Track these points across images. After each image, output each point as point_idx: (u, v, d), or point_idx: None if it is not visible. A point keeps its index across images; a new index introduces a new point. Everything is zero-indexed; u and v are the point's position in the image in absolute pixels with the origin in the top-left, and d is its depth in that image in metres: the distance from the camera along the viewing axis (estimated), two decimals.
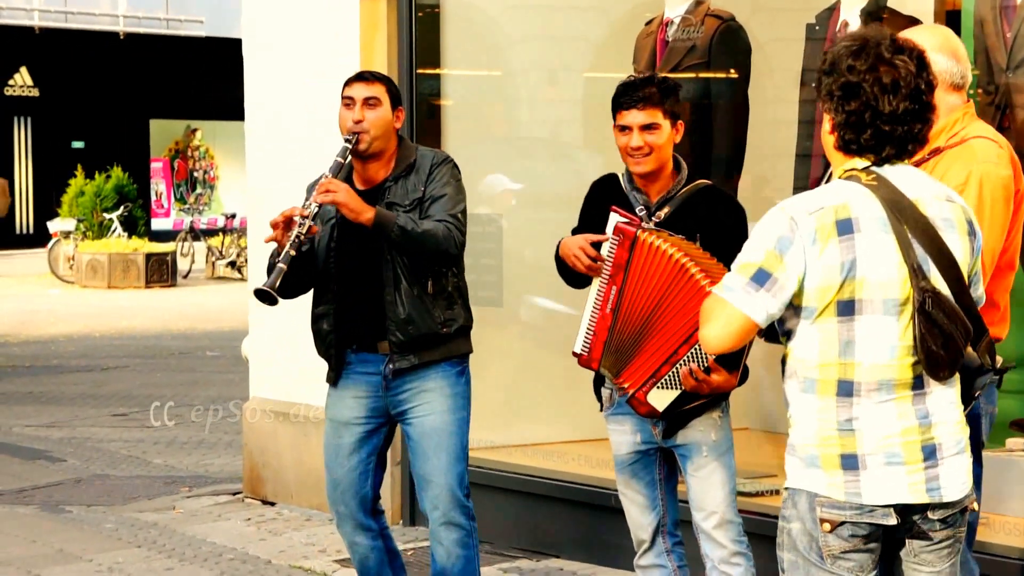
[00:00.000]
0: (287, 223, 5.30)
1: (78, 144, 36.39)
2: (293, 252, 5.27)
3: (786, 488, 3.72)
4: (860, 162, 3.65)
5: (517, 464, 7.44)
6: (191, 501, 8.61)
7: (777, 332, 3.78)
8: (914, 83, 3.59)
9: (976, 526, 4.67)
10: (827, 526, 3.61)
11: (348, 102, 5.49)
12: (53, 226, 26.75)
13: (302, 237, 5.28)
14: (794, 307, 3.63)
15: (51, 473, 9.58)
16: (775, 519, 6.27)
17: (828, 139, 3.71)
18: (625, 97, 5.05)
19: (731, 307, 3.60)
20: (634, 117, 5.02)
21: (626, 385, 5.01)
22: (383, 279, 5.39)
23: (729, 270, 3.67)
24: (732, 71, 7.47)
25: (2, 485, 9.19)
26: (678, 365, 4.89)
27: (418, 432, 5.50)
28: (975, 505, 3.75)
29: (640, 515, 5.22)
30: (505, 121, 8.57)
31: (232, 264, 26.62)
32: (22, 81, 36.21)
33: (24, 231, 36.76)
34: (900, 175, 3.64)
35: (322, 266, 5.51)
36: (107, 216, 26.88)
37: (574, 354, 5.15)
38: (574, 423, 7.82)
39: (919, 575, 3.71)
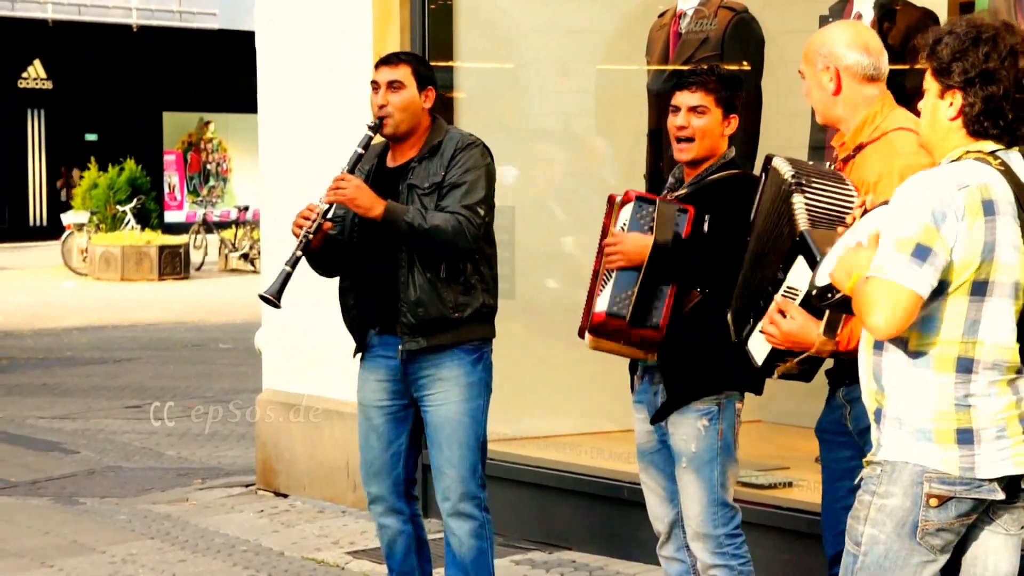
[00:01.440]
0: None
1: (91, 136, 36.43)
2: (300, 253, 5.34)
3: (882, 461, 3.72)
4: (988, 145, 3.71)
5: (530, 456, 7.44)
6: (204, 493, 8.62)
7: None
8: None
9: None
10: (934, 501, 3.65)
11: (374, 86, 5.52)
12: (66, 218, 26.79)
13: (310, 237, 5.32)
14: None
15: (64, 465, 9.60)
16: (787, 511, 6.31)
17: (946, 124, 3.74)
18: (682, 79, 5.08)
19: (898, 287, 3.58)
20: (685, 98, 5.04)
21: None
22: (398, 262, 5.41)
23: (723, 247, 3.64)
24: (745, 63, 7.45)
25: (16, 476, 9.21)
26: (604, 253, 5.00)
27: (432, 421, 5.51)
28: None
29: (657, 506, 5.22)
30: (517, 113, 8.56)
31: (245, 256, 26.63)
32: (36, 74, 36.26)
33: (37, 223, 36.84)
34: (1017, 162, 3.74)
35: (347, 240, 5.55)
36: (120, 208, 26.91)
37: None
38: (587, 415, 7.82)
39: (995, 537, 3.77)
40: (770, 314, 4.13)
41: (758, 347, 4.41)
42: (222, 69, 35.89)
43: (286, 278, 5.34)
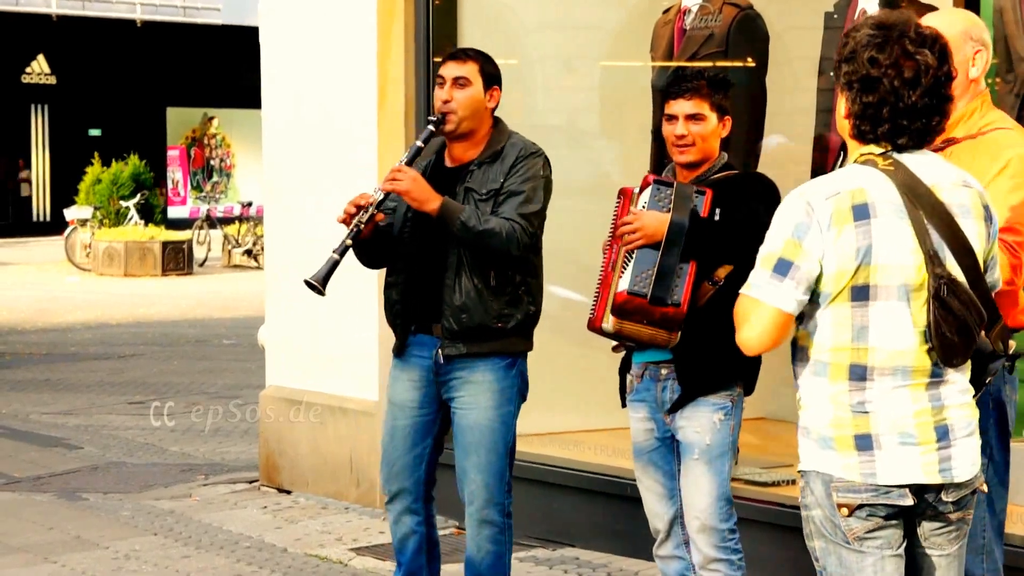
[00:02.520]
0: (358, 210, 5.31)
1: (95, 132, 36.45)
2: (350, 242, 5.27)
3: (800, 471, 3.71)
4: (877, 148, 3.64)
5: (534, 453, 7.43)
6: (207, 489, 8.62)
7: None
8: (933, 77, 3.58)
9: (1004, 517, 4.65)
10: (844, 510, 3.61)
11: (439, 81, 5.44)
12: (70, 214, 26.80)
13: (362, 226, 5.26)
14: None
15: (68, 460, 9.60)
16: (791, 508, 6.29)
17: (843, 123, 3.71)
18: (674, 87, 5.10)
19: (760, 304, 3.59)
20: (680, 107, 5.07)
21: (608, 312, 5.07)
22: (447, 263, 5.35)
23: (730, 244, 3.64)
24: (750, 59, 7.45)
25: (19, 472, 9.21)
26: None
27: (461, 425, 5.46)
28: (984, 486, 3.75)
29: (656, 504, 5.21)
30: (521, 109, 8.55)
31: (248, 252, 26.65)
32: (39, 69, 36.28)
33: (41, 219, 36.86)
34: (917, 161, 3.64)
35: (397, 235, 5.48)
36: (124, 204, 26.92)
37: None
38: (591, 412, 7.81)
39: (929, 558, 3.70)
40: None
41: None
42: (226, 64, 35.90)
43: (333, 265, 5.26)
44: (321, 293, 5.29)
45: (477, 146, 5.43)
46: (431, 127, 5.39)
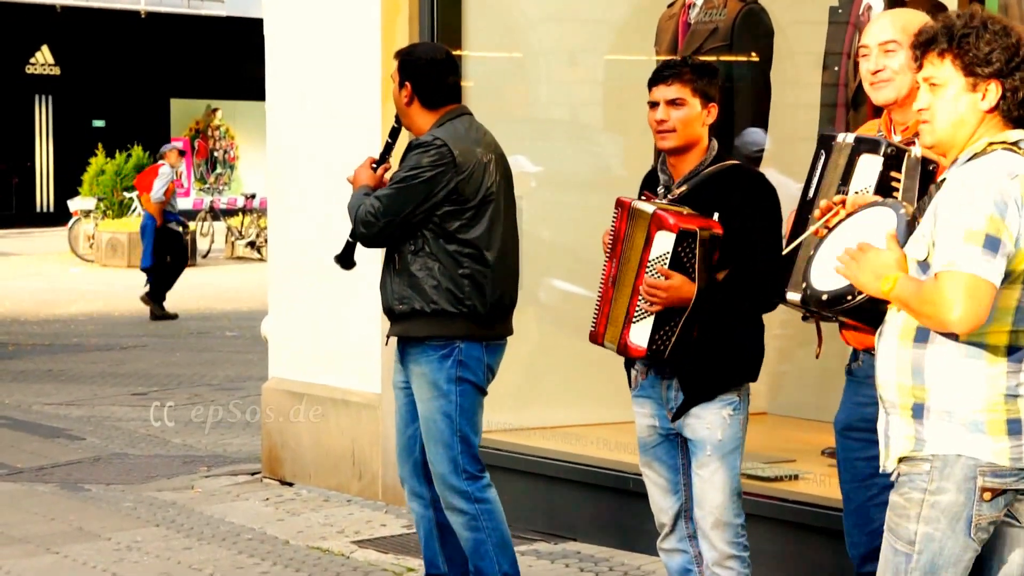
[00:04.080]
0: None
1: (99, 123, 36.43)
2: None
3: (930, 456, 3.70)
4: (1012, 134, 3.71)
5: (535, 447, 7.43)
6: (209, 481, 8.62)
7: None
8: None
9: None
10: (988, 495, 3.65)
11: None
12: (73, 205, 26.79)
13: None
14: None
15: (70, 451, 9.60)
16: (793, 503, 6.30)
17: (977, 116, 3.72)
18: (657, 74, 5.08)
19: (976, 279, 3.56)
20: (661, 92, 5.06)
21: (616, 342, 5.04)
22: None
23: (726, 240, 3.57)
24: (754, 54, 7.44)
25: (22, 463, 9.21)
26: (642, 291, 4.92)
27: (419, 416, 5.64)
28: None
29: (661, 498, 5.20)
30: (525, 103, 8.55)
31: (252, 244, 26.62)
32: (43, 59, 36.26)
33: (44, 210, 36.85)
34: None
35: None
36: (127, 195, 26.90)
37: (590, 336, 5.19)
38: (592, 406, 7.81)
39: (1012, 530, 3.77)
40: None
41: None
42: (230, 56, 35.85)
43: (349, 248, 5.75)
44: (351, 265, 5.77)
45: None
46: (396, 125, 5.77)
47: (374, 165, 5.73)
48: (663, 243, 4.89)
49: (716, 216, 4.94)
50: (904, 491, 3.75)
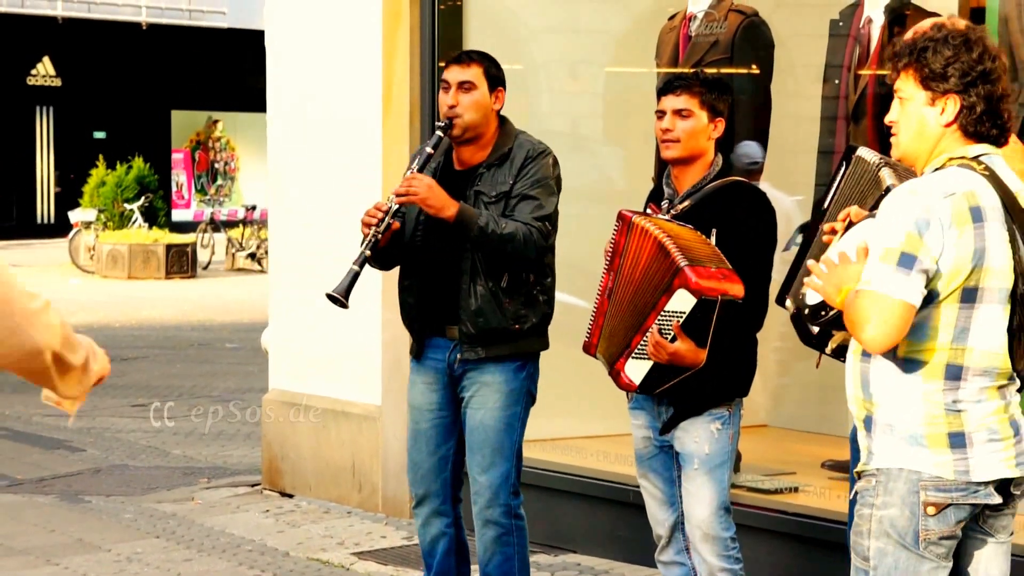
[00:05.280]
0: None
1: (100, 134, 36.46)
2: (368, 253, 5.25)
3: (876, 470, 3.70)
4: (972, 149, 3.69)
5: (535, 459, 7.42)
6: (210, 492, 8.61)
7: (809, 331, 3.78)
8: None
9: None
10: (932, 509, 3.63)
11: (444, 85, 5.42)
12: (74, 216, 26.80)
13: (379, 236, 5.24)
14: None
15: (71, 463, 9.60)
16: (792, 516, 6.30)
17: (937, 130, 3.70)
18: (667, 84, 5.10)
19: (887, 298, 3.55)
20: (669, 101, 5.07)
21: (609, 363, 5.03)
22: (461, 267, 5.34)
23: (726, 260, 3.61)
24: (754, 67, 7.44)
25: (22, 474, 9.21)
26: (648, 334, 4.88)
27: (469, 425, 5.48)
28: None
29: (658, 510, 5.21)
30: (526, 114, 8.54)
31: (252, 256, 26.63)
32: (45, 71, 36.29)
33: (45, 221, 36.86)
34: (1000, 166, 3.71)
35: (409, 239, 5.47)
36: (128, 207, 26.91)
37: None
38: (593, 418, 7.81)
39: (985, 545, 3.76)
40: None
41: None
42: (231, 68, 35.90)
43: (354, 277, 5.26)
44: (344, 306, 5.27)
45: (485, 148, 5.42)
46: (440, 133, 5.38)
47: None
48: (682, 301, 4.83)
49: (715, 232, 4.95)
50: (859, 506, 3.75)
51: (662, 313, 4.86)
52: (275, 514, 8.04)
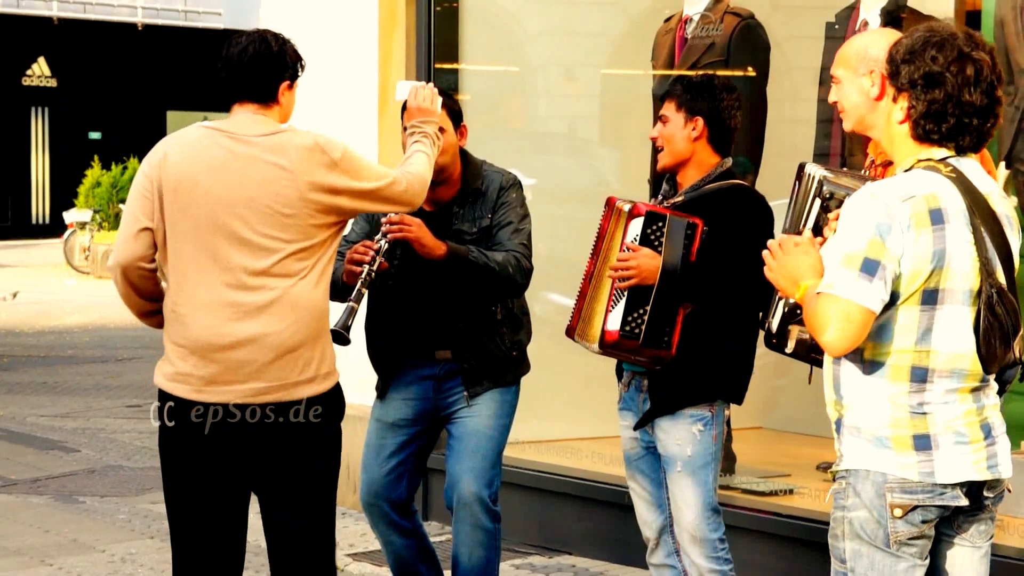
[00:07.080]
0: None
1: (95, 135, 36.46)
2: (365, 291, 5.23)
3: (840, 471, 3.71)
4: (937, 152, 3.68)
5: (530, 460, 7.44)
6: None
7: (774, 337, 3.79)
8: (989, 78, 3.65)
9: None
10: (898, 511, 3.62)
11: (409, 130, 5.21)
12: (69, 217, 26.80)
13: (372, 275, 5.22)
14: None
15: (65, 463, 9.60)
16: (787, 518, 6.30)
17: (897, 129, 3.72)
18: (664, 94, 5.16)
19: (848, 303, 3.55)
20: (661, 110, 5.10)
21: (593, 339, 5.04)
22: (452, 305, 5.37)
23: (718, 259, 3.60)
24: (750, 69, 7.45)
25: (16, 475, 9.21)
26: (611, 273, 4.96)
27: (459, 431, 5.50)
28: (1009, 486, 3.78)
29: (646, 512, 5.21)
30: (522, 116, 8.57)
31: None
32: (40, 71, 36.28)
33: (40, 221, 36.86)
34: (970, 169, 3.70)
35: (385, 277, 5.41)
36: (123, 207, 26.91)
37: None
38: (587, 420, 7.81)
39: (961, 550, 3.75)
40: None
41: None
42: None
43: (352, 313, 5.20)
44: (347, 342, 5.21)
45: (454, 186, 5.43)
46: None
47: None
48: (635, 228, 4.95)
49: (705, 230, 4.94)
50: (832, 509, 3.76)
51: (622, 250, 4.93)
52: None
